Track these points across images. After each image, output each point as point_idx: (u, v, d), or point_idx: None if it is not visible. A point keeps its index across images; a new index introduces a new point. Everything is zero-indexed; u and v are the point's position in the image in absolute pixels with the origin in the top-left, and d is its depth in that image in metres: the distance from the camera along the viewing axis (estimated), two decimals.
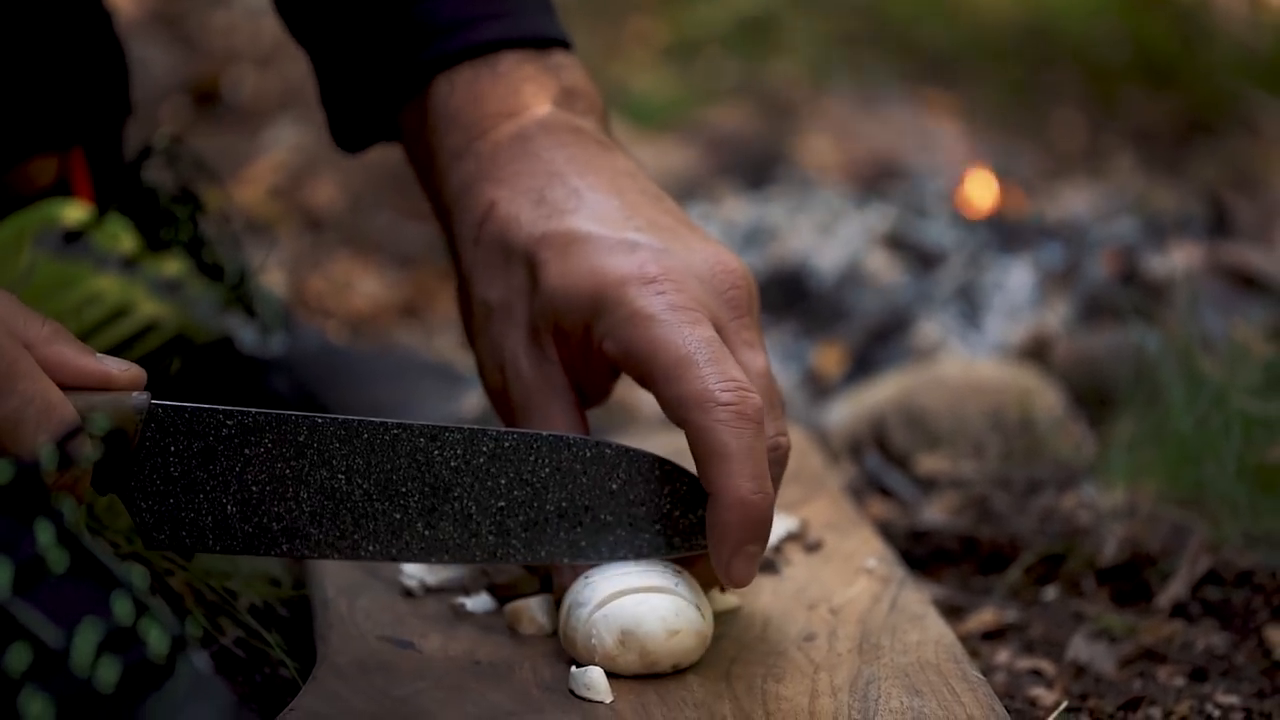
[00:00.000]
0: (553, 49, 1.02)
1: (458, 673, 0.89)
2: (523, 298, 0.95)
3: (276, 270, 1.90)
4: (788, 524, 1.06)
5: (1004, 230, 1.93)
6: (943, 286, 1.82)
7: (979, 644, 1.14)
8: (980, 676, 0.89)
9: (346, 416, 0.88)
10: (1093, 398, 1.56)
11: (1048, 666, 1.10)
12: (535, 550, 0.90)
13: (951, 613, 1.17)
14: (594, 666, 0.88)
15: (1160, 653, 1.11)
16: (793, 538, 1.06)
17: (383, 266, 2.02)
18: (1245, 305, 1.75)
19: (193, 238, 1.24)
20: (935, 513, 1.33)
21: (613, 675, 0.88)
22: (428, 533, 0.89)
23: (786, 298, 1.82)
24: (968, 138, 2.32)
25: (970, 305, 1.80)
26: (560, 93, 1.00)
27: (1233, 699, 1.04)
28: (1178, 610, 1.16)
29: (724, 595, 0.97)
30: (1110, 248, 1.88)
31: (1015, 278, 1.83)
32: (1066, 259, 1.87)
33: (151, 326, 1.20)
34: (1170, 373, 1.31)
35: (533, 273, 0.94)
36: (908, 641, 0.93)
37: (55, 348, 0.83)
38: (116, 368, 0.85)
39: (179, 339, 1.22)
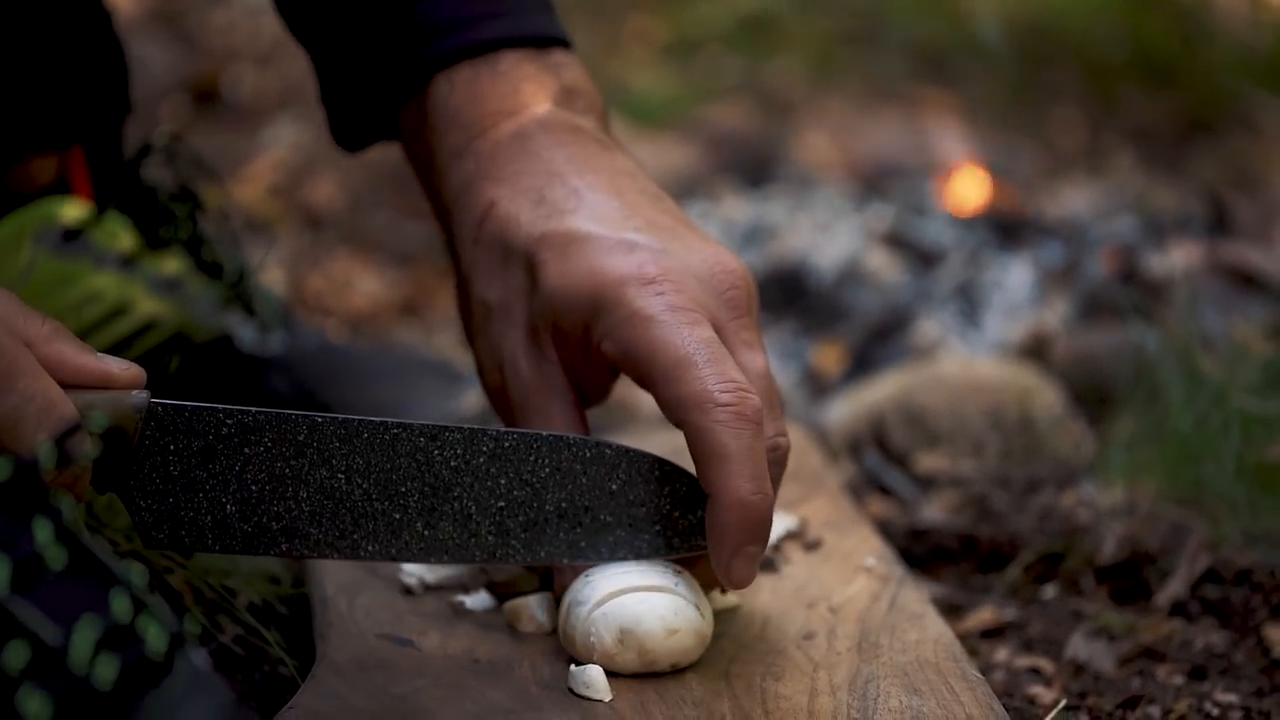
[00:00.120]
0: (552, 48, 1.02)
1: (457, 670, 0.89)
2: (522, 297, 0.95)
3: (276, 269, 1.90)
4: (787, 522, 1.06)
5: (1003, 229, 1.93)
6: (942, 285, 1.82)
7: (978, 642, 1.14)
8: (979, 675, 0.89)
9: (346, 416, 0.88)
10: (1092, 396, 1.56)
11: (1047, 665, 1.10)
12: (535, 550, 0.90)
13: (950, 611, 1.17)
14: (593, 665, 0.88)
15: (1159, 651, 1.11)
16: (792, 536, 1.06)
17: (382, 265, 2.01)
18: (1245, 304, 1.75)
19: (192, 236, 1.24)
20: (934, 511, 1.33)
21: (612, 674, 0.88)
22: (427, 532, 0.89)
23: (786, 296, 1.82)
24: (967, 137, 2.32)
25: (970, 304, 1.80)
26: (560, 92, 1.00)
27: (1232, 697, 1.04)
28: (1177, 609, 1.16)
29: (724, 595, 0.97)
30: (1110, 246, 1.88)
31: (1015, 276, 1.83)
32: (1066, 258, 1.87)
33: (151, 325, 1.20)
34: (1170, 371, 1.31)
35: (532, 272, 0.94)
36: (907, 640, 0.93)
37: (55, 346, 0.83)
38: (116, 366, 0.85)
39: (178, 337, 1.22)
